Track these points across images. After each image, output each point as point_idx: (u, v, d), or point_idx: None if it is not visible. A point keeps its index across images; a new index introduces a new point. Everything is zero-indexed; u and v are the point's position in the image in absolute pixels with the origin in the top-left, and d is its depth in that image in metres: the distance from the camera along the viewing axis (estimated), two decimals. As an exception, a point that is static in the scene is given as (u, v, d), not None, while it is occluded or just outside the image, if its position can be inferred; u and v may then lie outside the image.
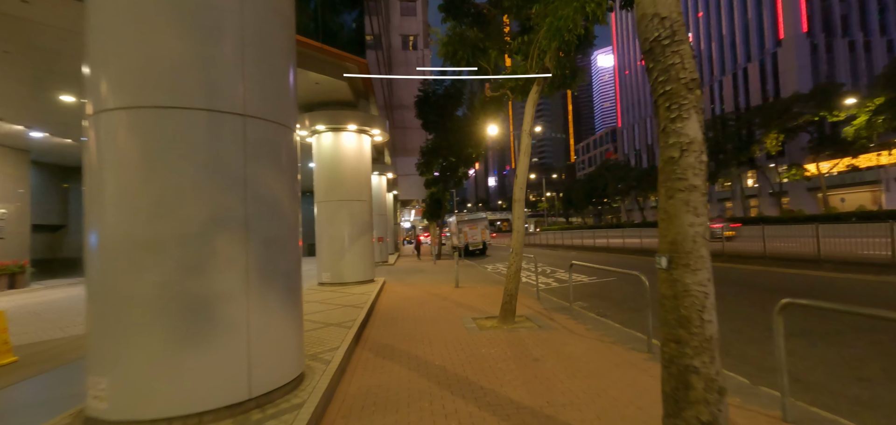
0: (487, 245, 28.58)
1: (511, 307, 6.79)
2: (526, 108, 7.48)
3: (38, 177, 17.14)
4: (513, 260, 6.91)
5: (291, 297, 3.73)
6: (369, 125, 11.61)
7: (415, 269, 17.85)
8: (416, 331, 6.42)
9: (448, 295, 10.07)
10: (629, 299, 8.92)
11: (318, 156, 11.59)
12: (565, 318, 7.01)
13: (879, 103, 30.12)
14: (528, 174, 7.28)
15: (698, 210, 2.27)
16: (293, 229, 3.86)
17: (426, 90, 24.67)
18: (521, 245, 6.97)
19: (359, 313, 7.21)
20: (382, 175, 21.55)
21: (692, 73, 2.40)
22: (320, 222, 11.52)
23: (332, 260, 11.28)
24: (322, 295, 9.72)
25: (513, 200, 7.16)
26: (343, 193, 11.42)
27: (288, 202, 3.77)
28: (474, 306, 8.46)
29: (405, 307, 8.63)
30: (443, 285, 11.92)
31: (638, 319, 7.09)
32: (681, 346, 2.22)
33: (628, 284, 10.57)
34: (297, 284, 3.91)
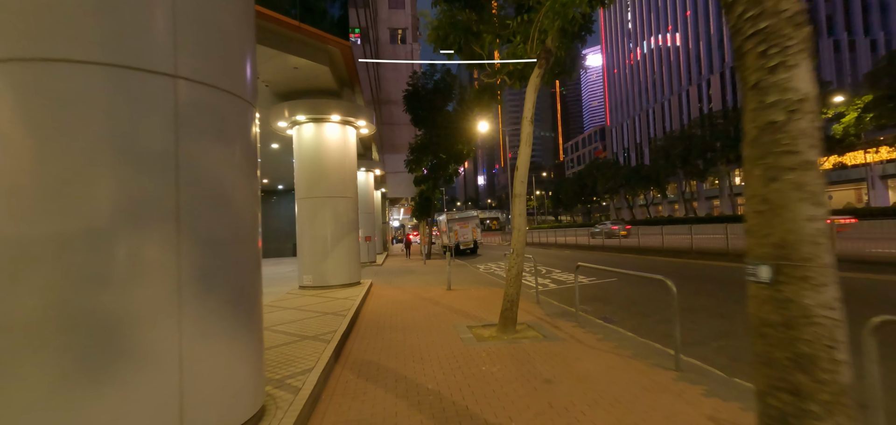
0: (479, 244, 27.89)
1: (512, 314, 6.06)
2: (527, 94, 6.75)
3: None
4: (513, 261, 6.18)
5: (244, 314, 2.93)
6: (354, 116, 10.77)
7: (404, 270, 17.05)
8: (405, 344, 5.65)
9: (440, 298, 9.31)
10: (635, 302, 8.27)
11: (299, 149, 10.71)
12: (571, 326, 6.31)
13: (868, 101, 30.30)
14: (529, 165, 6.56)
15: (818, 196, 1.55)
16: (248, 227, 3.06)
17: (415, 84, 23.88)
18: (523, 245, 6.24)
19: (341, 322, 6.41)
20: (370, 171, 20.68)
21: (797, 3, 1.69)
22: (301, 220, 10.66)
23: (314, 261, 10.43)
24: (302, 300, 8.87)
25: (512, 195, 6.43)
26: (326, 189, 10.57)
27: (241, 193, 2.97)
28: (469, 312, 7.71)
29: (393, 313, 7.84)
30: (434, 287, 11.15)
31: (649, 326, 6.43)
32: (801, 400, 1.49)
33: (631, 286, 9.94)
34: (254, 296, 3.11)
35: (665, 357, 4.71)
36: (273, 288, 11.83)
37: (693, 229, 15.06)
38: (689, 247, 14.46)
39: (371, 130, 12.03)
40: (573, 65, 8.63)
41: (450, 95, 23.92)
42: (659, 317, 6.98)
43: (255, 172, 3.23)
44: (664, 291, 9.13)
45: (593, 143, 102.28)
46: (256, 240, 3.17)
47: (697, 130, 49.68)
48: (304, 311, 7.53)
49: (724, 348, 5.18)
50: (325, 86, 10.04)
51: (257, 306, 3.15)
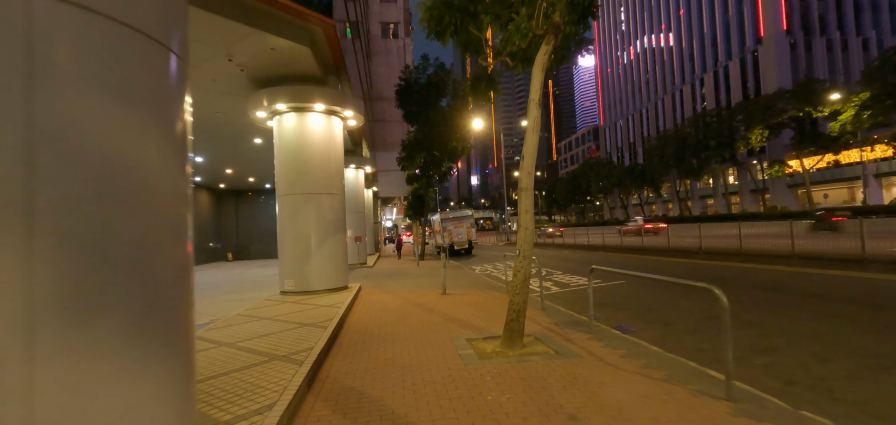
0: (474, 244, 27.06)
1: (518, 327, 5.22)
2: (533, 74, 5.92)
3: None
4: (520, 265, 5.34)
5: (157, 344, 2.05)
6: (340, 105, 9.87)
7: (396, 272, 16.16)
8: (394, 363, 4.78)
9: (434, 305, 8.45)
10: (651, 308, 7.48)
11: (280, 141, 9.79)
12: (585, 338, 5.49)
13: (865, 98, 30.04)
14: (537, 154, 5.73)
15: None
16: (168, 226, 2.17)
17: (408, 79, 23.03)
18: (531, 246, 5.41)
19: (320, 336, 5.52)
20: (360, 168, 19.75)
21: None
22: (282, 220, 9.74)
23: (295, 264, 9.51)
24: (280, 308, 7.96)
25: (518, 188, 5.60)
26: (309, 185, 9.66)
27: (156, 178, 2.09)
28: (467, 321, 6.87)
29: (382, 323, 6.97)
30: (427, 292, 10.29)
31: (674, 338, 5.63)
32: None
33: (644, 289, 9.17)
34: (175, 320, 2.22)
35: (707, 380, 3.91)
36: (251, 293, 10.88)
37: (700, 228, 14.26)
38: (697, 248, 13.74)
39: (359, 122, 11.14)
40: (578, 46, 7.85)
41: (444, 91, 23.11)
42: (683, 326, 6.19)
43: (182, 151, 2.35)
44: (683, 295, 8.43)
45: (587, 143, 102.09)
46: (182, 243, 2.29)
47: (691, 129, 49.37)
48: (280, 322, 6.63)
49: (772, 367, 4.39)
50: (308, 71, 9.13)
51: (181, 331, 2.26)
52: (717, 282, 9.61)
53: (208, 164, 19.85)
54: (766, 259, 11.63)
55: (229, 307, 8.93)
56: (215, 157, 18.50)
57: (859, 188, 43.64)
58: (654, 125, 72.93)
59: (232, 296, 10.82)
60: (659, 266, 12.95)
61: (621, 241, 19.77)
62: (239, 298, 10.24)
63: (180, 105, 2.35)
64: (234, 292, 11.56)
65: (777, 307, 6.85)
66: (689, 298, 7.93)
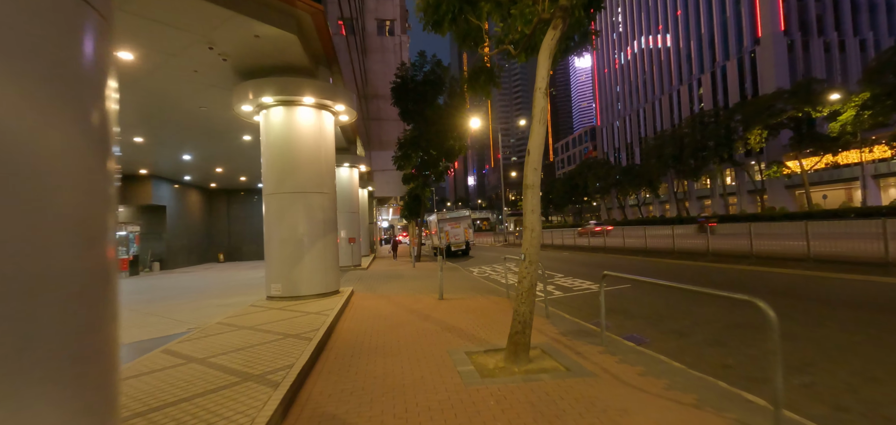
0: (471, 245, 26.53)
1: (524, 340, 4.69)
2: (539, 61, 5.39)
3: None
4: (526, 271, 4.81)
5: (52, 383, 1.50)
6: (331, 98, 9.30)
7: (391, 274, 15.60)
8: (385, 383, 4.24)
9: (430, 311, 7.91)
10: (662, 316, 6.97)
11: (267, 137, 9.22)
12: (597, 351, 4.97)
13: (866, 98, 29.75)
14: (544, 147, 5.22)
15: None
16: (72, 231, 1.62)
17: (404, 76, 22.47)
18: (538, 250, 4.87)
19: (303, 350, 4.97)
20: (354, 167, 19.16)
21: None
22: (269, 220, 9.16)
23: (283, 267, 8.93)
24: (264, 315, 7.39)
25: (523, 186, 5.07)
26: (298, 183, 9.09)
27: (60, 168, 1.55)
28: (466, 330, 6.33)
29: (374, 332, 6.42)
30: (423, 296, 9.75)
31: (695, 350, 5.12)
32: None
33: (653, 294, 8.67)
34: (79, 351, 1.66)
35: (744, 406, 3.39)
36: (237, 298, 10.30)
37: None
38: (704, 249, 13.24)
39: (352, 117, 10.58)
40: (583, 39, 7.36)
41: (441, 88, 22.56)
42: (702, 336, 5.68)
43: (102, 139, 1.80)
44: (695, 301, 7.92)
45: (584, 144, 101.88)
46: (96, 251, 1.73)
47: (689, 129, 49.09)
48: (262, 332, 6.06)
49: (814, 388, 3.87)
50: (296, 62, 8.57)
51: (88, 362, 1.70)
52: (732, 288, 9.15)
53: (197, 162, 19.21)
54: (778, 261, 11.14)
55: (212, 313, 8.35)
56: (204, 155, 17.87)
57: (856, 189, 43.55)
58: (651, 126, 72.74)
59: (217, 300, 10.24)
60: (667, 270, 12.47)
61: (623, 242, 19.25)
62: (224, 303, 9.66)
63: (100, 78, 1.81)
64: (219, 296, 10.97)
65: (804, 315, 6.35)
66: (702, 304, 7.43)
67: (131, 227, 20.88)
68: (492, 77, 8.17)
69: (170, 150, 16.46)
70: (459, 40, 7.40)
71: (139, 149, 15.72)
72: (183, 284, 14.99)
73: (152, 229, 23.52)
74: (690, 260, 13.50)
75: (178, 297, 11.22)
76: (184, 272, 21.44)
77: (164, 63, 8.31)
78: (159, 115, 11.76)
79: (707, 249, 13.10)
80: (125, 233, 20.25)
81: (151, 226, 23.46)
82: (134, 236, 20.92)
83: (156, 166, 19.85)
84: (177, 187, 24.59)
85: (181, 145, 15.86)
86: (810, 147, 38.32)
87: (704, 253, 13.21)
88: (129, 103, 10.61)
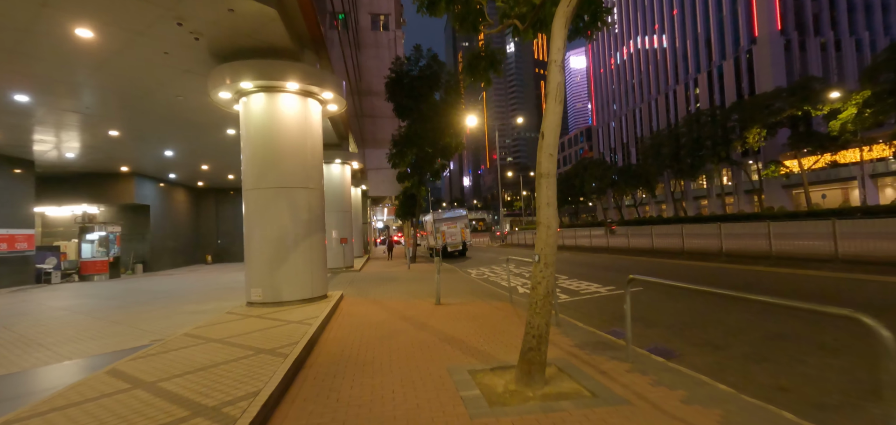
0: (468, 245, 25.76)
1: (539, 357, 3.93)
2: (554, 30, 4.64)
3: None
4: (541, 275, 4.04)
5: None
6: (318, 84, 8.48)
7: (384, 277, 14.79)
8: (372, 413, 3.45)
9: (427, 318, 7.12)
10: (688, 322, 6.23)
11: (247, 127, 8.39)
12: (624, 369, 4.22)
13: (867, 96, 29.36)
14: (559, 131, 4.47)
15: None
16: None
17: (399, 71, 21.67)
18: (554, 250, 4.11)
19: (276, 370, 4.16)
20: (346, 163, 18.31)
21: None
22: (249, 218, 8.33)
23: (264, 270, 8.10)
24: (239, 325, 6.56)
25: (536, 175, 4.31)
26: (281, 178, 8.27)
27: None
28: (468, 341, 5.55)
29: (363, 344, 5.62)
30: (419, 301, 8.96)
31: (736, 367, 4.38)
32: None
33: (671, 299, 7.94)
34: None
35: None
36: (216, 303, 9.45)
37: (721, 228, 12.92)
38: (718, 250, 12.47)
39: (341, 106, 9.77)
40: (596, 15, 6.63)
41: (437, 84, 21.78)
42: (740, 349, 4.94)
43: None
44: (719, 306, 7.20)
45: (579, 144, 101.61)
46: None
47: (686, 129, 48.67)
48: (232, 346, 5.24)
49: None
50: (279, 43, 7.75)
51: None
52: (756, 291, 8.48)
53: (180, 159, 18.28)
54: (800, 262, 10.38)
55: (183, 322, 7.51)
56: (187, 151, 16.95)
57: (853, 189, 43.37)
58: (647, 126, 72.47)
59: (192, 306, 9.38)
60: (683, 271, 11.73)
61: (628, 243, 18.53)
62: (199, 310, 8.81)
63: None
64: (197, 302, 10.11)
65: (853, 325, 5.64)
66: (729, 310, 6.71)
67: (112, 228, 19.88)
68: (493, 62, 7.39)
69: (150, 146, 15.54)
70: (457, 22, 6.65)
71: (117, 144, 14.79)
72: (162, 288, 14.08)
73: (136, 229, 22.52)
74: (702, 260, 12.74)
75: (152, 303, 10.34)
76: (167, 274, 20.48)
77: (130, 42, 7.46)
78: (134, 105, 10.87)
79: (720, 250, 12.37)
80: (105, 234, 19.26)
81: (135, 227, 22.46)
82: (115, 237, 19.91)
83: (138, 163, 18.89)
84: (162, 186, 23.60)
85: (162, 140, 14.95)
86: (810, 146, 37.95)
87: (718, 253, 12.47)
88: (97, 90, 9.73)
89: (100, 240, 19.26)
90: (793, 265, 10.42)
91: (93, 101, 10.33)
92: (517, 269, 14.82)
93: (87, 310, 9.73)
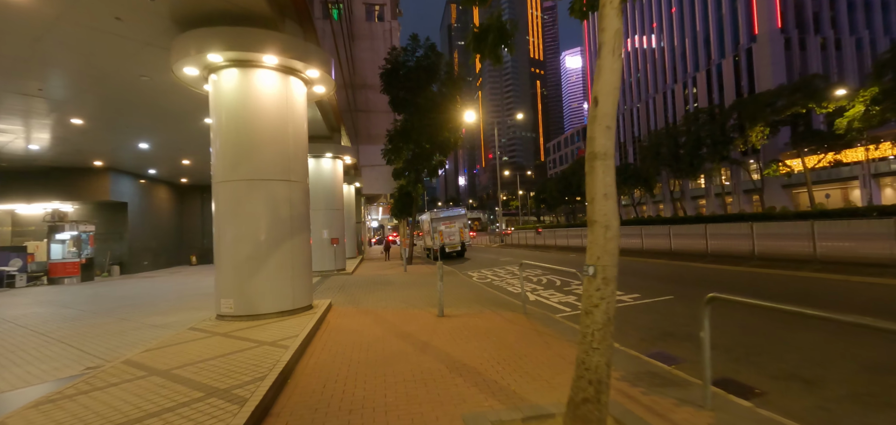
0: (467, 246, 24.58)
1: (598, 413, 2.77)
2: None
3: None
4: (597, 295, 2.87)
5: None
6: (302, 58, 7.26)
7: (379, 281, 13.56)
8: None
9: (430, 334, 5.94)
10: (743, 343, 5.09)
11: (217, 109, 7.15)
12: (707, 419, 3.06)
13: (875, 93, 28.59)
14: (618, 95, 3.30)
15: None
16: None
17: (395, 61, 20.45)
18: (615, 261, 2.94)
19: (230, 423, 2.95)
20: (338, 158, 17.05)
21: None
22: (220, 216, 7.10)
23: (236, 277, 6.87)
24: (197, 348, 5.33)
25: (588, 155, 3.15)
26: (257, 168, 7.04)
27: None
28: (484, 371, 4.38)
29: (350, 378, 4.43)
30: (419, 312, 7.77)
31: (855, 417, 3.23)
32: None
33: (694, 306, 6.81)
34: None
35: None
36: (181, 315, 8.19)
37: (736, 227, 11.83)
38: (749, 253, 11.30)
39: (330, 88, 8.55)
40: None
41: (435, 75, 20.58)
42: (845, 388, 3.79)
43: None
44: (778, 322, 5.99)
45: (576, 143, 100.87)
46: None
47: (686, 127, 47.87)
48: (179, 382, 4.01)
49: None
50: (254, 7, 6.53)
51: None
52: (819, 303, 7.36)
53: (158, 153, 16.92)
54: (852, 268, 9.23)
55: (136, 340, 6.27)
56: (164, 144, 15.61)
57: (853, 188, 42.81)
58: (645, 124, 71.78)
59: (157, 318, 8.12)
60: (711, 276, 10.64)
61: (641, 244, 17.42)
62: (163, 323, 7.55)
63: None
64: (164, 312, 8.84)
65: None
66: (791, 328, 5.59)
67: (85, 226, 18.43)
68: (503, 35, 6.19)
69: (121, 137, 14.19)
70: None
71: (84, 135, 13.43)
72: (134, 293, 12.76)
73: (113, 229, 21.07)
74: (732, 264, 11.54)
75: (113, 313, 9.05)
76: (145, 277, 19.09)
77: (72, 3, 6.19)
78: (93, 88, 9.57)
79: (752, 253, 11.23)
80: (77, 233, 17.83)
81: (112, 226, 21.01)
82: (88, 236, 18.47)
83: (112, 157, 17.49)
84: (142, 182, 22.17)
85: (133, 130, 13.62)
86: (813, 144, 37.23)
87: (749, 257, 11.29)
88: (45, 68, 8.43)
89: (72, 241, 17.84)
90: (847, 270, 9.18)
91: (43, 82, 9.02)
92: (522, 273, 13.64)
93: (35, 321, 8.43)
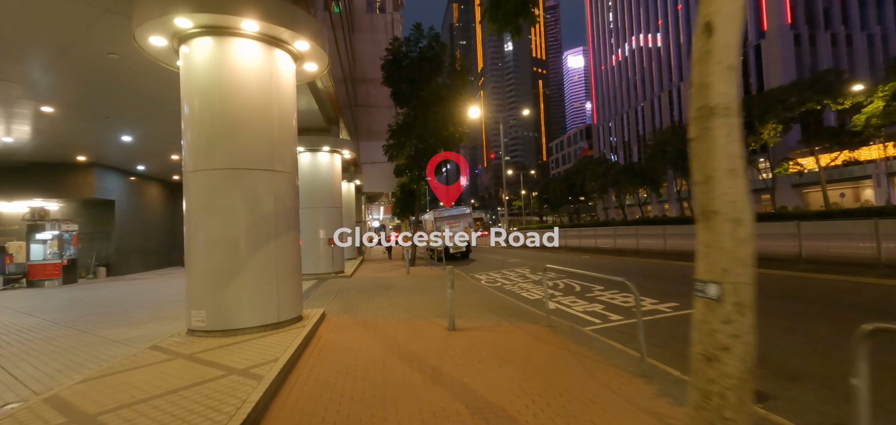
0: (472, 246, 23.46)
1: None
2: None
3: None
4: (727, 331, 1.76)
5: None
6: (289, 26, 6.15)
7: (380, 285, 12.45)
8: None
9: (440, 356, 4.84)
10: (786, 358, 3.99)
11: (188, 85, 6.05)
12: None
13: (895, 88, 27.43)
14: (744, 16, 2.17)
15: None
16: None
17: (397, 52, 19.37)
18: (751, 273, 1.82)
19: None
20: (335, 152, 15.94)
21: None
22: (191, 212, 6.02)
23: (209, 285, 5.77)
24: (151, 377, 4.24)
25: (697, 113, 2.01)
26: (234, 156, 5.95)
27: None
28: (518, 416, 3.27)
29: (341, 420, 3.33)
30: (425, 324, 6.67)
31: None
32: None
33: (762, 316, 5.72)
34: None
35: None
36: (150, 327, 7.09)
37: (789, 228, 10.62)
38: (796, 255, 10.12)
39: (323, 65, 7.45)
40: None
41: (439, 67, 19.49)
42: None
43: None
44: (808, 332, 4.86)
45: (578, 143, 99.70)
46: None
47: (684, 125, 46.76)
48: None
49: None
50: (229, -38, 5.42)
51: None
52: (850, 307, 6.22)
53: (144, 147, 15.83)
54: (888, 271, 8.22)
55: (83, 362, 5.19)
56: (149, 138, 14.52)
57: (866, 187, 41.65)
58: (649, 123, 70.64)
59: (123, 331, 7.03)
60: (772, 283, 9.55)
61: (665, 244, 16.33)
62: (127, 338, 6.47)
63: None
64: (133, 323, 7.75)
65: None
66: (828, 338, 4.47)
67: (68, 225, 17.36)
68: (525, 2, 5.06)
69: (101, 128, 13.11)
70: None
71: (60, 125, 12.36)
72: (112, 298, 11.68)
73: (99, 228, 19.99)
74: (775, 268, 10.42)
75: (78, 323, 7.97)
76: (132, 279, 18.00)
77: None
78: (56, 68, 8.48)
79: (799, 255, 10.10)
80: (59, 233, 16.76)
81: (98, 224, 19.93)
82: (71, 236, 17.39)
83: (96, 152, 16.42)
84: (131, 179, 21.10)
85: (114, 122, 12.53)
86: (827, 142, 36.07)
87: (796, 259, 10.17)
88: (-3, 43, 7.33)
89: (53, 240, 16.77)
90: (876, 273, 8.18)
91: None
92: (533, 275, 12.56)
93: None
